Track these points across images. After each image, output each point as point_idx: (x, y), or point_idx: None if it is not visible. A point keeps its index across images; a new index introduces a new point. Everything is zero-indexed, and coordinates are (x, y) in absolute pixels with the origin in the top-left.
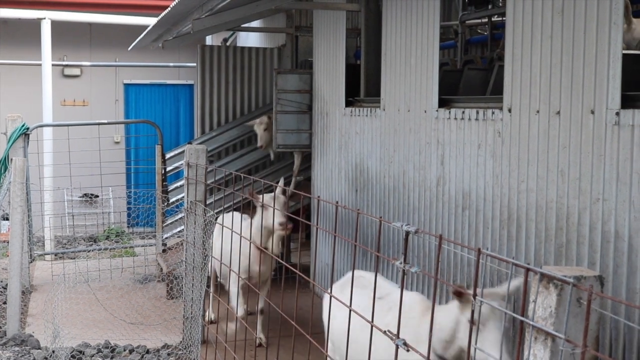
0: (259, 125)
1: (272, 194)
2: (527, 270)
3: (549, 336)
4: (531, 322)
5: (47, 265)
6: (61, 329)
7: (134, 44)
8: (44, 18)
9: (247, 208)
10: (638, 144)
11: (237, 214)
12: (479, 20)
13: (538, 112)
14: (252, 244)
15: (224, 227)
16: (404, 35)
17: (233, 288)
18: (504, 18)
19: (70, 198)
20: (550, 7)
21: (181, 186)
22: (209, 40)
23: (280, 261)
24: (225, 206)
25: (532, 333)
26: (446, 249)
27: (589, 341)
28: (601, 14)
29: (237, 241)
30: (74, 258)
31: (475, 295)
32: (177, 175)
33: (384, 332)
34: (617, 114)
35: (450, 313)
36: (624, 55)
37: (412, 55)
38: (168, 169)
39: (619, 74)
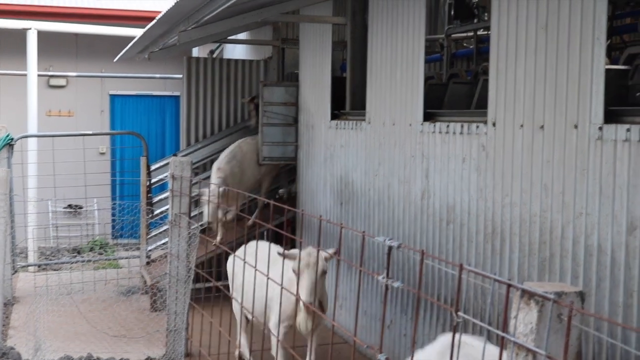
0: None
1: (308, 257)
2: (509, 286)
3: (530, 352)
4: (512, 338)
5: (30, 277)
6: (43, 341)
7: (120, 55)
8: (30, 28)
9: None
10: (620, 159)
11: (263, 244)
12: (465, 34)
13: (522, 126)
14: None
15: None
16: (390, 49)
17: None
18: (489, 32)
19: (54, 209)
20: (534, 22)
21: (166, 198)
22: (196, 52)
23: (264, 274)
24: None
25: (513, 349)
26: (430, 264)
27: (570, 357)
28: (584, 29)
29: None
30: (58, 270)
31: (457, 310)
32: (162, 187)
33: None
34: (600, 128)
35: None
36: (607, 70)
37: (398, 69)
38: (153, 180)
39: (602, 89)
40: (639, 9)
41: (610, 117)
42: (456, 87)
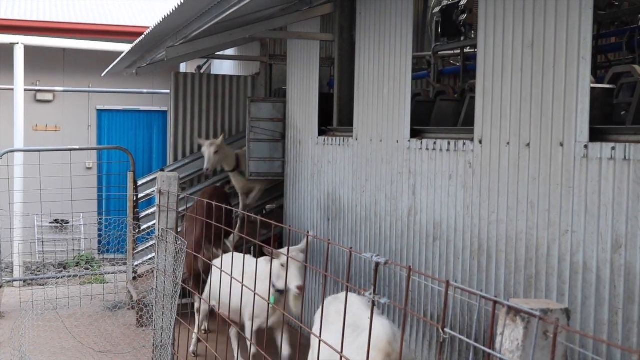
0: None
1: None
2: (495, 302)
3: None
4: (498, 355)
5: (16, 291)
6: (28, 357)
7: (107, 70)
8: (17, 43)
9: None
10: (606, 177)
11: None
12: (452, 52)
13: (508, 143)
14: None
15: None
16: (377, 66)
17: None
18: (476, 50)
19: (40, 224)
20: (520, 40)
21: (153, 213)
22: (183, 67)
23: (252, 290)
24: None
25: None
26: (417, 280)
27: None
28: (570, 48)
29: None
30: (43, 285)
31: (444, 327)
32: (149, 202)
33: None
34: (586, 146)
35: None
36: (593, 89)
37: (385, 86)
38: (140, 195)
39: (587, 107)
40: (623, 29)
41: (596, 135)
42: (443, 105)
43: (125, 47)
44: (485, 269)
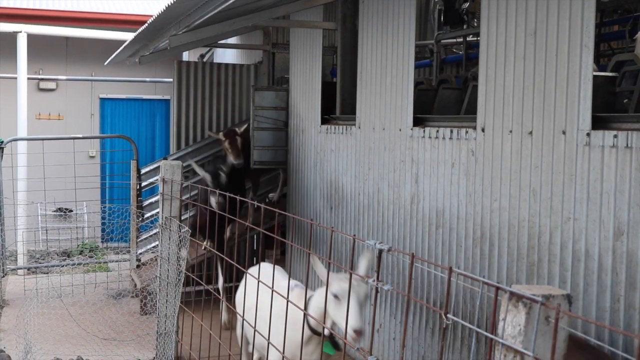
0: None
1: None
2: (497, 288)
3: (518, 354)
4: (500, 340)
5: (20, 279)
6: (33, 344)
7: (110, 58)
8: (20, 31)
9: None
10: (608, 165)
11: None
12: (454, 40)
13: (511, 132)
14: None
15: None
16: (380, 54)
17: None
18: (479, 38)
19: (44, 212)
20: (523, 28)
21: (156, 202)
22: (186, 56)
23: (254, 277)
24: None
25: (502, 351)
26: (419, 267)
27: (557, 359)
28: (572, 36)
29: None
30: (47, 273)
31: (447, 313)
32: (152, 190)
33: None
34: (588, 134)
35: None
36: (595, 77)
37: (388, 74)
38: (143, 184)
39: (590, 95)
40: (626, 16)
41: (598, 123)
42: (446, 93)
43: (128, 36)
44: (487, 257)
